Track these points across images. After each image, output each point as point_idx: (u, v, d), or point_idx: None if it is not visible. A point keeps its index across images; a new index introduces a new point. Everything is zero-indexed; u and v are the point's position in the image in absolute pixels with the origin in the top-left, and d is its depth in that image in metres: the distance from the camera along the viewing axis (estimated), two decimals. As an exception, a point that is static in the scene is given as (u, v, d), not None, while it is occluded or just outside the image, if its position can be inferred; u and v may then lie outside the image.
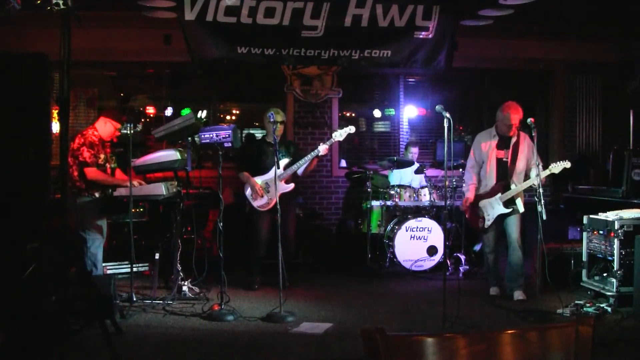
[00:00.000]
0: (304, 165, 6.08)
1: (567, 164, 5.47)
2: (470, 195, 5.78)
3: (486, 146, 5.71)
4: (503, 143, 5.68)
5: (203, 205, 6.23)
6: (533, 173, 5.40)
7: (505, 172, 5.66)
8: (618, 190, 6.65)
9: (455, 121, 4.92)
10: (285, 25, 6.65)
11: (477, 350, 1.74)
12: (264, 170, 6.12)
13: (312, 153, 5.99)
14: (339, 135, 5.99)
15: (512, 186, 5.58)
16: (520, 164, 5.65)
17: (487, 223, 5.73)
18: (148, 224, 6.72)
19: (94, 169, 5.56)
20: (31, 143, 4.52)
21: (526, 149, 5.64)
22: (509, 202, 5.62)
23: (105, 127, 5.77)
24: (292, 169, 6.06)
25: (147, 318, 5.09)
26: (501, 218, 5.70)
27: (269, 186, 6.03)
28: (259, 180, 6.11)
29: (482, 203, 5.73)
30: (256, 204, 6.10)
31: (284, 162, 6.11)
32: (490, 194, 5.67)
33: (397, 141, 8.87)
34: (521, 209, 5.64)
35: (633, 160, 6.55)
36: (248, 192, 6.16)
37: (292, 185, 6.09)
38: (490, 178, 5.70)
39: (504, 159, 5.68)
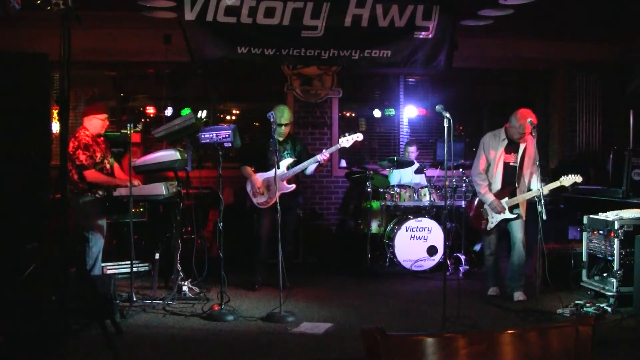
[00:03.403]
0: (310, 167, 6.07)
1: (579, 179, 5.35)
2: (491, 196, 5.60)
3: (495, 150, 5.60)
4: (512, 147, 5.59)
5: (203, 205, 6.23)
6: (535, 181, 5.36)
7: (512, 177, 5.60)
8: (618, 190, 6.64)
9: (455, 121, 4.91)
10: (285, 25, 6.64)
11: (477, 350, 1.74)
12: (268, 168, 6.09)
13: (318, 156, 5.97)
14: (346, 141, 5.99)
15: (519, 193, 5.53)
16: (528, 169, 5.59)
17: (490, 226, 5.70)
18: (148, 224, 6.71)
19: (92, 171, 5.56)
20: (31, 143, 4.53)
21: (533, 153, 5.53)
22: (514, 207, 5.58)
23: (92, 123, 5.73)
24: (295, 170, 6.05)
25: (147, 318, 5.09)
26: (504, 220, 5.68)
27: (270, 184, 6.03)
28: (261, 177, 6.10)
29: (487, 205, 5.71)
30: (256, 200, 6.11)
31: (287, 161, 6.10)
32: (497, 197, 5.61)
33: (397, 141, 8.87)
34: (523, 215, 5.61)
35: (633, 160, 6.55)
36: (249, 187, 6.16)
37: (293, 186, 6.07)
38: (496, 182, 5.64)
39: (512, 163, 5.59)
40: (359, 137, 6.03)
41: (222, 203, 5.17)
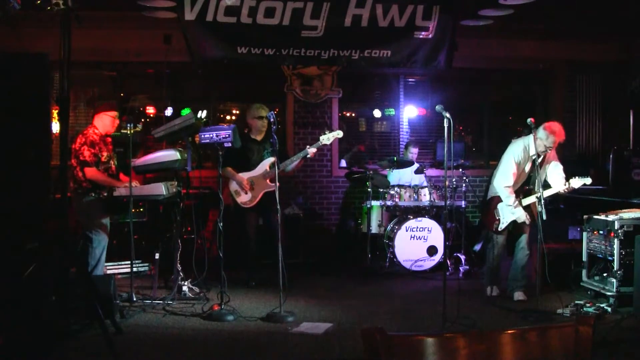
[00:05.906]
0: (291, 165, 6.11)
1: (588, 181, 5.33)
2: (520, 209, 5.54)
3: (524, 164, 5.56)
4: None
5: (203, 205, 6.23)
6: (556, 179, 5.35)
7: (527, 180, 5.64)
8: (618, 190, 6.64)
9: (455, 121, 4.91)
10: (285, 25, 6.65)
11: (477, 350, 1.74)
12: (249, 168, 6.15)
13: (300, 154, 6.02)
14: (327, 139, 6.00)
15: (533, 195, 5.50)
16: (544, 174, 5.58)
17: (502, 226, 5.66)
18: (148, 224, 6.71)
19: (93, 169, 5.53)
20: (31, 143, 4.52)
21: (552, 158, 5.56)
22: (525, 209, 5.56)
23: (102, 121, 5.72)
24: (279, 167, 6.05)
25: (147, 318, 5.09)
26: (514, 222, 5.64)
27: (253, 183, 6.09)
28: (245, 176, 6.15)
29: (500, 206, 5.66)
30: (240, 200, 6.13)
31: (269, 160, 6.13)
32: None
33: (397, 141, 8.87)
34: (532, 218, 5.59)
35: (633, 160, 6.55)
36: (233, 187, 6.17)
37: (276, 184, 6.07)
38: (514, 185, 5.62)
39: (530, 173, 5.61)
40: (339, 134, 6.06)
41: (222, 203, 5.18)
